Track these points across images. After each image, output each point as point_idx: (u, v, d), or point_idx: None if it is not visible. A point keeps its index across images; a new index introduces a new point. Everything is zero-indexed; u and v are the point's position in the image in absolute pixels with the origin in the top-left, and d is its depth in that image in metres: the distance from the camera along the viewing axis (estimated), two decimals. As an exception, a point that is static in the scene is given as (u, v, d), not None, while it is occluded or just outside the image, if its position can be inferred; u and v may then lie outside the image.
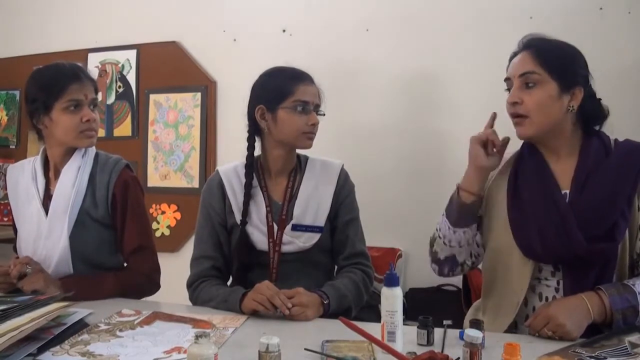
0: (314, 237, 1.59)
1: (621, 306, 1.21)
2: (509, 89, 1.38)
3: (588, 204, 1.29)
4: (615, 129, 1.40)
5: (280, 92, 1.56)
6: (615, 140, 1.38)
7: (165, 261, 1.76)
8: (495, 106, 1.36)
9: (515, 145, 1.47)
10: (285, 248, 1.58)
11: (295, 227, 1.58)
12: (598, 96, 1.38)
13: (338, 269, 1.66)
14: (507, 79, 1.38)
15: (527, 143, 1.43)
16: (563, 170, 1.36)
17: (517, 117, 1.35)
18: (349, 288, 1.51)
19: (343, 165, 1.69)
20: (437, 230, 1.46)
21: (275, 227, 1.59)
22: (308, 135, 1.58)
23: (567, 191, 1.34)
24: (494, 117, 1.42)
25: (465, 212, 1.39)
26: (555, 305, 1.24)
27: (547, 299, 1.34)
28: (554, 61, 1.32)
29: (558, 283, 1.33)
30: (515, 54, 1.39)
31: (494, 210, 1.43)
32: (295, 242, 1.58)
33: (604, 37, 2.23)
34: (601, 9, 2.27)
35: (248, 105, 1.63)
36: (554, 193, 1.33)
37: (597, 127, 1.38)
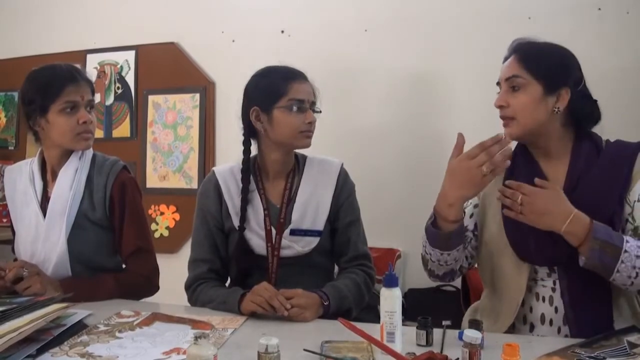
0: (313, 242, 1.57)
1: (602, 237, 1.19)
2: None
3: (579, 206, 1.28)
4: (613, 129, 1.40)
5: (274, 92, 1.53)
6: (607, 141, 1.38)
7: (164, 262, 1.76)
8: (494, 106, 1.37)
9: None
10: (284, 252, 1.56)
11: (294, 232, 1.56)
12: (595, 97, 1.38)
13: (340, 270, 1.64)
14: (497, 83, 1.41)
15: (519, 144, 1.44)
16: (555, 173, 1.37)
17: (505, 119, 1.37)
18: (350, 289, 1.50)
19: (342, 164, 1.66)
20: (426, 253, 1.41)
21: (274, 231, 1.57)
22: (306, 134, 1.56)
23: None
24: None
25: (453, 237, 1.34)
26: (547, 197, 1.24)
27: (544, 299, 1.34)
28: (539, 64, 1.33)
29: (554, 283, 1.33)
30: (505, 59, 1.40)
31: (490, 211, 1.43)
32: (294, 246, 1.56)
33: (603, 38, 2.23)
34: (600, 9, 2.27)
35: (242, 107, 1.60)
36: None
37: (589, 128, 1.38)
